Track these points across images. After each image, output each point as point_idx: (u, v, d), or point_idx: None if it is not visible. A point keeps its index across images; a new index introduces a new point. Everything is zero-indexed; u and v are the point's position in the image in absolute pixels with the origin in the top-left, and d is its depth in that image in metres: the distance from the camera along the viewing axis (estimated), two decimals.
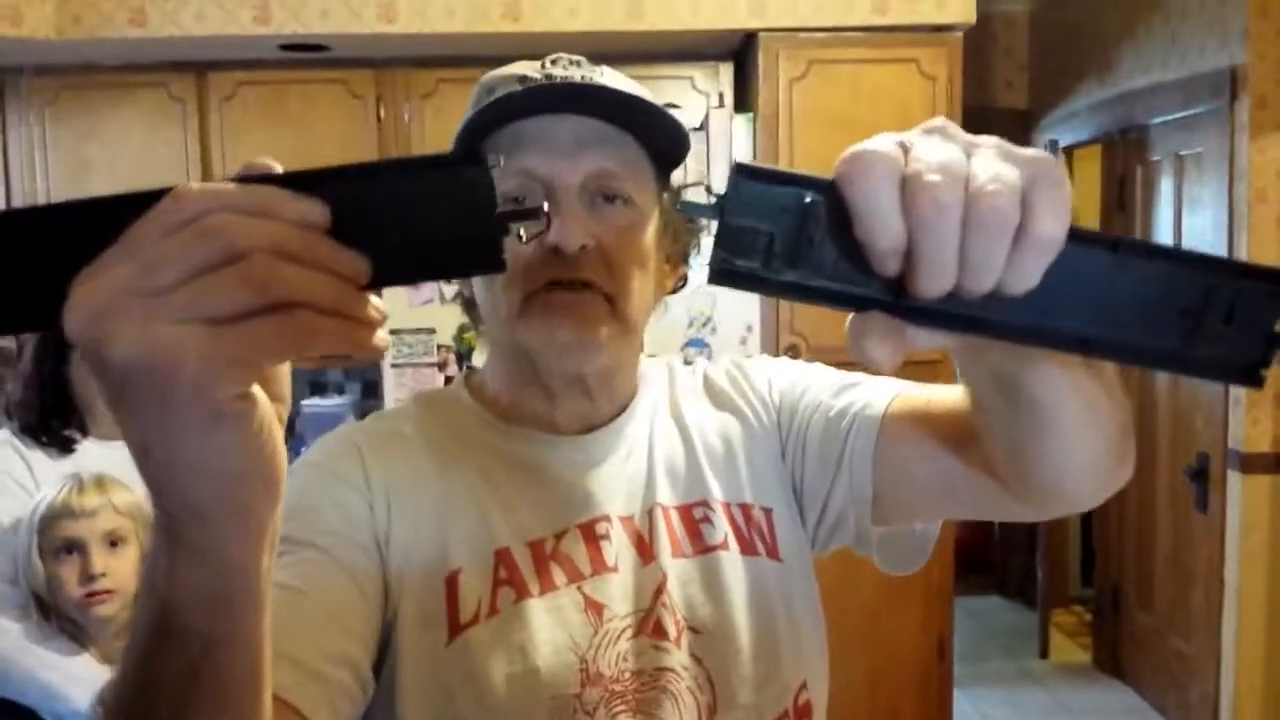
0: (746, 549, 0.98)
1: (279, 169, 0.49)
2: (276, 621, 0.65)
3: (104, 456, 1.97)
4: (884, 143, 0.52)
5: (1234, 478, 3.73)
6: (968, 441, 0.86)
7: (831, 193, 0.51)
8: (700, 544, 0.97)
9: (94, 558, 1.77)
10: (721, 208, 0.51)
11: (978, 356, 0.68)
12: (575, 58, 0.97)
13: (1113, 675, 4.74)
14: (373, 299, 0.49)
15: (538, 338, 0.92)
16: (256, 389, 0.49)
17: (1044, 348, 0.57)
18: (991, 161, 0.51)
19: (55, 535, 1.78)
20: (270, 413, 0.50)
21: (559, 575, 0.92)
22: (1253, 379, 0.55)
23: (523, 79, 0.93)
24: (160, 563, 0.53)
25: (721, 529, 0.98)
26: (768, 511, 1.02)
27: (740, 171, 0.51)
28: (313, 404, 3.65)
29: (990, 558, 5.82)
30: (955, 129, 0.53)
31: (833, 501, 1.00)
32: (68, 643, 1.79)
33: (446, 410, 1.02)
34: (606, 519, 0.96)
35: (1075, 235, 0.52)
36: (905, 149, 0.52)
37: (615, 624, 0.91)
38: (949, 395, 0.92)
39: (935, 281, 0.50)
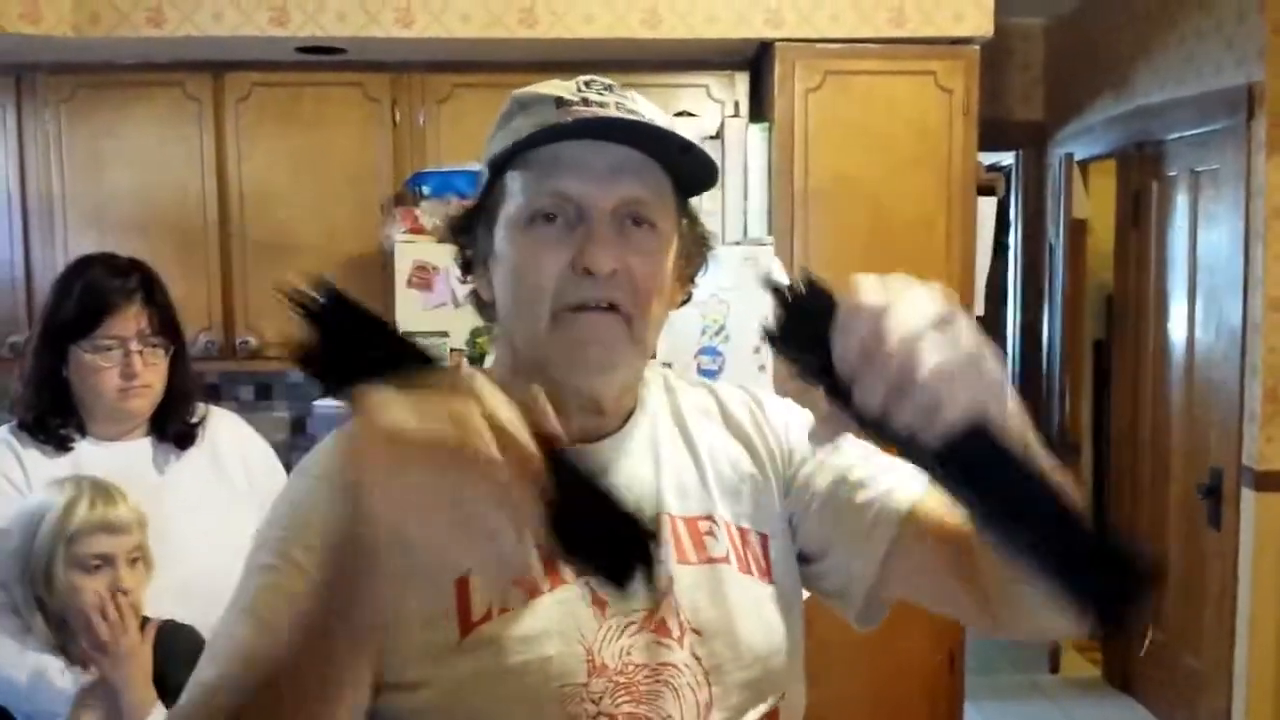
0: (744, 568, 1.03)
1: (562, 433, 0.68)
2: (263, 665, 0.79)
3: (101, 456, 1.96)
4: (884, 293, 0.72)
5: (1248, 495, 3.70)
6: (970, 572, 0.95)
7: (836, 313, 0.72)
8: (704, 554, 1.01)
9: (123, 575, 1.76)
10: (790, 302, 0.74)
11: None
12: (607, 82, 1.00)
13: (1123, 691, 4.71)
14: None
15: (565, 356, 0.96)
16: None
17: (949, 492, 0.75)
18: (936, 348, 0.69)
19: (88, 550, 1.75)
20: None
21: (567, 572, 0.94)
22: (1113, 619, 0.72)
23: (559, 101, 0.96)
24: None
25: (724, 545, 1.03)
26: (763, 537, 1.06)
27: (805, 275, 0.74)
28: (325, 404, 3.65)
29: None
30: (936, 304, 0.72)
31: (829, 564, 1.07)
32: (46, 644, 1.77)
33: None
34: None
35: (1018, 465, 0.71)
36: (891, 304, 0.71)
37: (619, 619, 0.95)
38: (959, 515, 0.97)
39: (867, 399, 0.70)
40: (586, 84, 0.99)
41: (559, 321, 0.95)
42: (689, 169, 1.01)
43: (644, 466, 1.04)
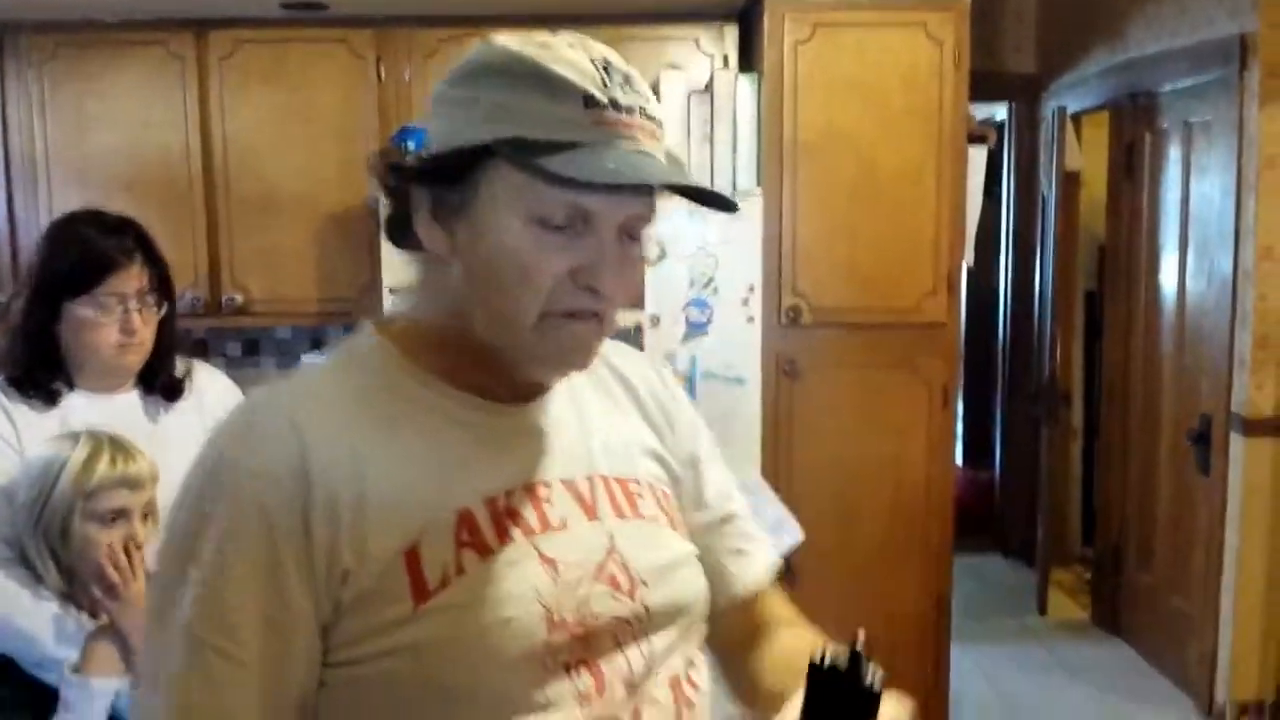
0: (671, 526, 1.09)
1: None
2: (221, 696, 0.87)
3: (90, 408, 1.97)
4: None
5: (1237, 441, 3.73)
6: (741, 666, 1.17)
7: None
8: (637, 512, 1.06)
9: (138, 528, 1.79)
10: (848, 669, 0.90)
11: None
12: (624, 70, 0.96)
13: (1111, 633, 4.77)
14: None
15: (547, 357, 0.98)
16: None
17: None
18: None
19: (107, 505, 1.77)
20: None
21: (515, 530, 0.96)
22: None
23: (588, 100, 0.92)
24: None
25: (651, 504, 1.08)
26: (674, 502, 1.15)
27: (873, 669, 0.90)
28: (314, 358, 3.65)
29: (991, 517, 5.84)
30: None
31: None
32: (57, 593, 1.79)
33: (378, 366, 1.01)
34: (547, 483, 1.01)
35: None
36: None
37: (571, 574, 0.96)
38: (789, 636, 1.16)
39: None
40: (606, 71, 0.94)
41: (545, 323, 0.95)
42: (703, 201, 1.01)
43: (571, 425, 1.06)
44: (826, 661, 0.89)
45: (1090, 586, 5.10)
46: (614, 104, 0.93)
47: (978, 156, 3.37)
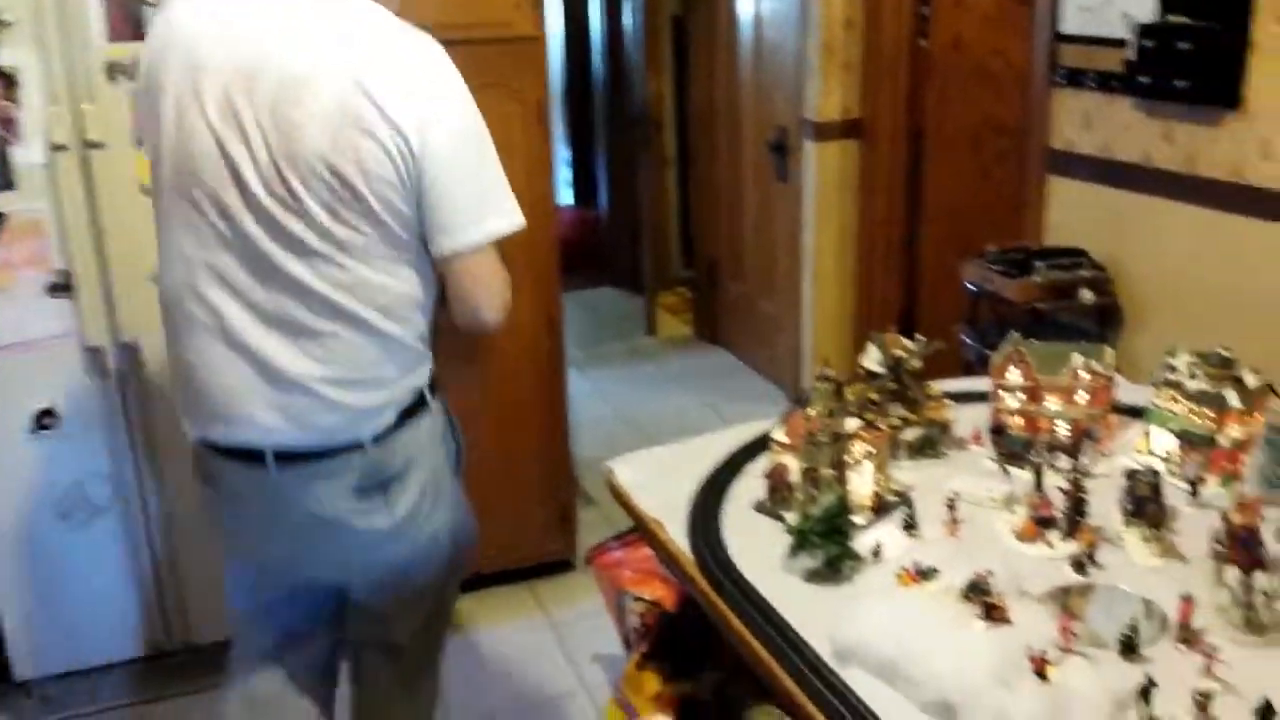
0: None
1: None
2: None
3: None
4: None
5: (809, 147, 4.01)
6: None
7: None
8: None
9: None
10: None
11: None
12: None
13: (711, 342, 5.17)
14: None
15: None
16: None
17: None
18: None
19: None
20: None
21: None
22: None
23: None
24: None
25: None
26: None
27: None
28: None
29: (600, 252, 6.04)
30: None
31: None
32: None
33: None
34: None
35: None
36: None
37: None
38: None
39: None
40: None
41: None
42: None
43: None
44: None
45: (691, 304, 5.45)
46: None
47: None
